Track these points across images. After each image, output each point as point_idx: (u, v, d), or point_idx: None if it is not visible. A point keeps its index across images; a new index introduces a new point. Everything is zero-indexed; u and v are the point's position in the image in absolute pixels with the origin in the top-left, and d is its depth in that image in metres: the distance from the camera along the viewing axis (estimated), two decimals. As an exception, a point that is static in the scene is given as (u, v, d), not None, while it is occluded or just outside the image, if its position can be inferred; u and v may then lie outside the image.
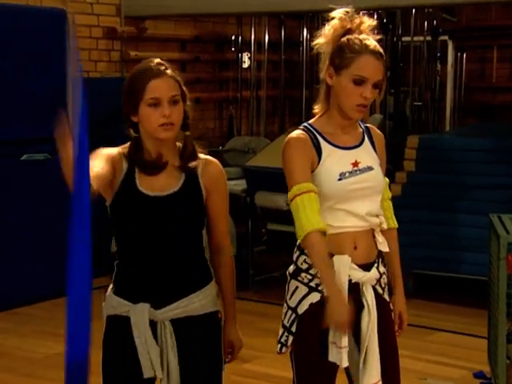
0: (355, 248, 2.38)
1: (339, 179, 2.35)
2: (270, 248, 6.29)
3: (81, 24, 6.05)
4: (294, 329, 2.37)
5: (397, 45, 7.17)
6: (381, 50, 2.35)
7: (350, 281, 2.36)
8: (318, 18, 7.29)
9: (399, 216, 2.63)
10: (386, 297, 2.46)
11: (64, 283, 1.74)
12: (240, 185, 5.98)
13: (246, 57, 7.27)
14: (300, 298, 2.37)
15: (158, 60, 2.23)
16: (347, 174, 2.36)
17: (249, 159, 5.91)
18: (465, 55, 7.66)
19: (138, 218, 2.20)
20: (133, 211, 2.21)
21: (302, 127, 2.42)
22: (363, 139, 2.44)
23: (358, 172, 2.37)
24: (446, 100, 7.44)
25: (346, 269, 2.34)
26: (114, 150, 2.23)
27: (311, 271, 2.36)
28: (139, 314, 2.20)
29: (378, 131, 2.52)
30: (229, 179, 7.14)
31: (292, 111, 7.88)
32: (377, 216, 2.42)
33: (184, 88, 2.26)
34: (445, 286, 5.52)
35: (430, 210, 5.37)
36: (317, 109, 2.44)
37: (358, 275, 2.37)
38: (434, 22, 7.21)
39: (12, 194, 5.18)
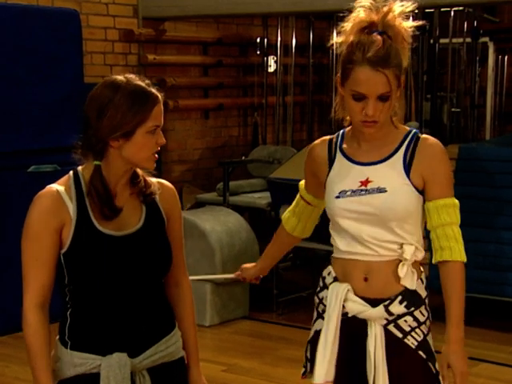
0: (365, 279, 2.16)
1: (337, 197, 2.16)
2: (296, 266, 6.06)
3: (95, 26, 5.94)
4: (309, 354, 2.28)
5: (434, 47, 7.00)
6: (385, 55, 2.06)
7: (346, 314, 2.17)
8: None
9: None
10: (410, 342, 2.17)
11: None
12: (264, 198, 5.81)
13: (271, 60, 7.15)
14: (312, 322, 2.27)
15: (144, 79, 2.01)
16: (349, 193, 2.15)
17: (274, 170, 5.71)
18: (506, 58, 7.45)
19: (106, 263, 1.96)
20: (97, 256, 1.96)
21: (337, 133, 2.29)
22: (393, 153, 2.17)
23: (363, 192, 2.14)
24: (487, 106, 7.28)
25: (338, 299, 2.15)
26: (51, 197, 1.97)
27: (320, 294, 2.25)
28: (116, 367, 1.94)
29: (431, 143, 2.20)
30: (252, 192, 6.98)
31: (321, 118, 7.70)
32: (399, 244, 2.15)
33: None
34: (488, 310, 5.25)
35: (470, 226, 5.08)
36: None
37: (356, 309, 2.15)
38: (474, 23, 6.99)
39: (19, 208, 4.98)
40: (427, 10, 6.73)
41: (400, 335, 2.17)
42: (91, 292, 1.97)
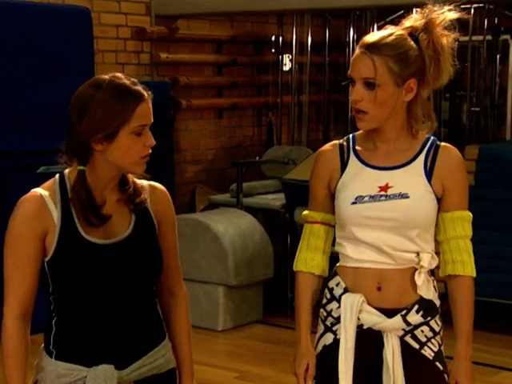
0: (378, 289, 2.10)
1: (353, 203, 2.09)
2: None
3: (107, 24, 5.91)
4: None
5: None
6: (381, 43, 2.03)
7: (361, 326, 2.10)
8: (365, 17, 7.07)
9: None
10: (428, 353, 2.13)
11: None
12: (278, 199, 5.77)
13: (287, 59, 7.10)
14: (318, 336, 2.19)
15: (129, 77, 1.93)
16: (366, 198, 2.08)
17: (289, 171, 5.67)
18: (528, 56, 7.35)
19: (90, 272, 1.89)
20: (82, 265, 1.89)
21: (346, 136, 2.21)
22: (413, 159, 2.12)
23: (382, 198, 2.08)
24: (507, 105, 7.17)
25: (353, 310, 2.08)
26: (34, 202, 1.90)
27: (327, 307, 2.16)
28: (102, 379, 1.88)
29: (453, 152, 2.15)
30: (267, 193, 6.95)
31: (337, 118, 7.65)
32: (415, 253, 2.10)
33: None
34: (509, 315, 5.15)
35: (491, 228, 5.04)
36: None
37: (372, 320, 2.09)
38: (495, 20, 6.91)
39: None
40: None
41: (417, 346, 2.12)
42: (76, 301, 1.92)
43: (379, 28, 2.22)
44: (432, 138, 2.17)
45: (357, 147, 2.17)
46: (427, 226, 2.12)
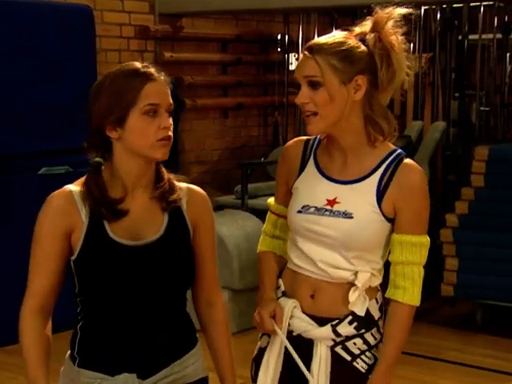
0: (312, 296, 2.06)
1: (298, 211, 2.04)
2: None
3: (110, 22, 5.90)
4: (253, 373, 2.20)
5: (462, 43, 6.88)
6: (318, 45, 2.01)
7: (291, 332, 2.07)
8: (373, 15, 7.06)
9: (466, 237, 2.24)
10: (360, 366, 2.06)
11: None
12: (284, 201, 5.74)
13: (293, 58, 7.08)
14: (259, 337, 2.18)
15: (145, 62, 1.91)
16: (311, 210, 2.03)
17: (294, 172, 5.64)
18: (539, 55, 7.32)
19: (116, 275, 1.85)
20: (106, 265, 1.84)
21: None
22: (368, 175, 2.03)
23: (326, 213, 2.01)
24: (517, 105, 7.16)
25: (284, 316, 2.05)
26: (61, 198, 1.88)
27: None
28: None
29: (412, 171, 2.04)
30: (272, 194, 6.90)
31: (344, 118, 7.64)
32: (351, 271, 2.03)
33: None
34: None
35: (501, 231, 5.00)
36: None
37: (301, 327, 2.05)
38: (505, 18, 6.88)
39: (30, 211, 4.97)
40: (455, 5, 6.65)
41: (348, 358, 2.06)
42: (102, 303, 1.87)
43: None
44: (398, 151, 2.07)
45: (318, 151, 2.12)
46: (369, 248, 2.04)
